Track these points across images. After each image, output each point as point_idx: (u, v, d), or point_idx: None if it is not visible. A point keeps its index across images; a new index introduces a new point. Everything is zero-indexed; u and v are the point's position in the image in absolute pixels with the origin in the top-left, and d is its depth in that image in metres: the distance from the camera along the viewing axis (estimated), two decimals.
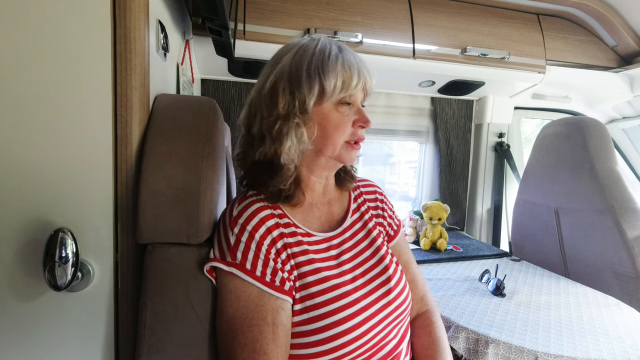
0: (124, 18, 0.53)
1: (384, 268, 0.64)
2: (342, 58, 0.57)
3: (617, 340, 0.83)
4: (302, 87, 0.56)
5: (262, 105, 0.59)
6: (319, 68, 0.56)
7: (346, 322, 0.54)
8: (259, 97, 0.60)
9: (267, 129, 0.57)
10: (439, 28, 1.41)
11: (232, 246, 0.54)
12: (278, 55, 0.61)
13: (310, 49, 0.58)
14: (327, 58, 0.57)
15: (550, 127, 1.50)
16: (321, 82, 0.56)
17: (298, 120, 0.57)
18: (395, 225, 0.75)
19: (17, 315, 0.53)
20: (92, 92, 0.53)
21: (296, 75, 0.57)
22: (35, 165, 0.52)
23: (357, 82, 0.58)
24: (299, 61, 0.57)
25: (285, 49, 0.61)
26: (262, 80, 0.61)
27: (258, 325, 0.51)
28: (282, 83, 0.57)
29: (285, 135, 0.57)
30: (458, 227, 1.93)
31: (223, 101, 1.48)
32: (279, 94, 0.57)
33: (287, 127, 0.57)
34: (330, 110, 0.59)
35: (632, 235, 1.20)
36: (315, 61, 0.57)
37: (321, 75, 0.56)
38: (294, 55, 0.58)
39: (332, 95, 0.57)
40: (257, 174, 0.60)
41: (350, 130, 0.60)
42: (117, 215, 0.56)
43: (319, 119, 0.58)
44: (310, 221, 0.64)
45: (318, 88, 0.56)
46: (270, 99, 0.58)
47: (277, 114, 0.57)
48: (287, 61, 0.58)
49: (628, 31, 1.55)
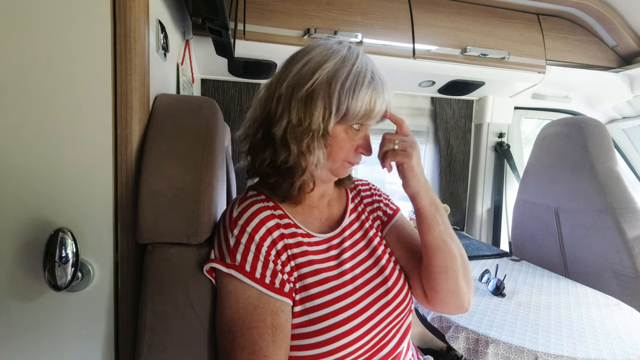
0: (124, 18, 0.53)
1: (381, 269, 0.64)
2: (373, 86, 0.56)
3: (617, 340, 0.83)
4: (332, 104, 0.55)
5: (292, 108, 0.55)
6: (351, 90, 0.54)
7: (347, 324, 0.54)
8: (291, 96, 0.56)
9: (295, 139, 0.55)
10: (439, 28, 1.41)
11: (231, 248, 0.54)
12: (318, 57, 0.57)
13: (347, 65, 0.56)
14: (360, 82, 0.55)
15: (550, 127, 1.50)
16: (348, 104, 0.55)
17: (322, 140, 0.56)
18: (393, 205, 0.76)
19: (17, 315, 0.53)
20: (92, 92, 0.53)
21: (330, 89, 0.55)
22: (35, 166, 0.52)
23: (377, 112, 0.58)
24: (336, 75, 0.55)
25: (325, 54, 0.57)
26: (298, 79, 0.56)
27: (257, 328, 0.51)
28: (321, 94, 0.55)
29: (311, 152, 0.56)
30: (458, 227, 1.93)
31: (223, 101, 1.48)
32: (317, 105, 0.55)
33: (314, 144, 0.56)
34: (340, 131, 0.58)
35: (632, 235, 1.20)
36: (350, 81, 0.55)
37: (350, 97, 0.55)
38: (333, 66, 0.56)
39: (351, 119, 0.56)
40: (269, 174, 0.59)
41: (351, 154, 0.60)
42: (117, 215, 0.56)
43: (331, 138, 0.58)
44: (310, 222, 0.64)
45: (344, 109, 0.55)
46: (305, 107, 0.55)
47: (310, 126, 0.55)
48: (326, 70, 0.55)
49: (628, 31, 1.55)
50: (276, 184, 0.59)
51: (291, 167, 0.57)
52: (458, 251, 0.63)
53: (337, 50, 0.58)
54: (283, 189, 0.59)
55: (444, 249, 0.61)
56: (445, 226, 0.62)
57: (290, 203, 0.62)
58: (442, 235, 0.61)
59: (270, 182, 0.59)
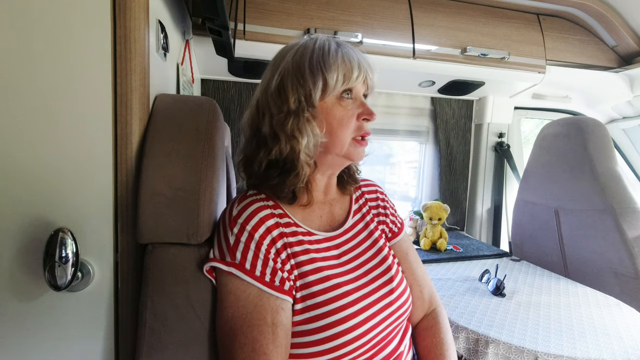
0: (124, 18, 0.53)
1: (387, 268, 0.64)
2: (341, 52, 0.59)
3: (617, 340, 0.83)
4: (307, 81, 0.57)
5: (270, 104, 0.59)
6: (320, 63, 0.57)
7: (347, 322, 0.54)
8: (266, 96, 0.60)
9: (280, 126, 0.57)
10: (439, 28, 1.41)
11: (231, 246, 0.54)
12: (279, 55, 0.62)
13: (310, 46, 0.59)
14: (327, 53, 0.58)
15: (550, 127, 1.50)
16: (324, 75, 0.57)
17: (308, 115, 0.57)
18: (398, 223, 0.75)
19: (17, 315, 0.53)
20: (92, 92, 0.53)
21: (299, 71, 0.57)
22: (35, 165, 0.52)
23: (358, 74, 0.59)
24: (300, 58, 0.58)
25: (286, 49, 0.62)
26: (266, 81, 0.61)
27: (258, 326, 0.51)
28: (289, 79, 0.58)
29: (300, 131, 0.57)
30: (458, 227, 1.93)
31: (223, 101, 1.48)
32: (288, 90, 0.57)
33: (300, 123, 0.57)
34: (333, 105, 0.59)
35: (632, 235, 1.20)
36: (316, 56, 0.58)
37: (323, 69, 0.57)
38: (294, 54, 0.59)
39: (334, 88, 0.58)
40: (271, 177, 0.59)
41: (355, 124, 0.61)
42: (117, 216, 0.56)
43: (324, 114, 0.59)
44: (311, 220, 0.64)
45: (322, 81, 0.57)
46: (279, 96, 0.58)
47: (288, 109, 0.57)
48: (289, 59, 0.59)
49: (628, 31, 1.55)
50: (280, 183, 0.59)
51: (287, 156, 0.58)
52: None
53: (296, 42, 0.62)
54: (288, 186, 0.59)
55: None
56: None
57: (298, 204, 0.62)
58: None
59: (274, 185, 0.59)
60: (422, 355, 0.68)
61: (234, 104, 1.49)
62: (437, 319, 0.70)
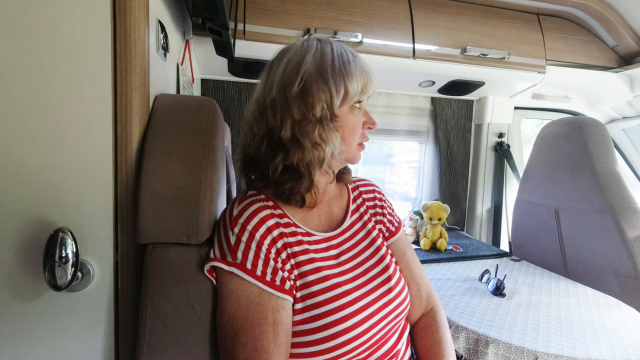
0: (124, 18, 0.53)
1: (385, 267, 0.65)
2: (359, 63, 0.59)
3: (617, 340, 0.83)
4: (330, 89, 0.56)
5: (292, 108, 0.56)
6: (342, 71, 0.57)
7: (347, 321, 0.54)
8: (285, 98, 0.56)
9: (305, 134, 0.56)
10: (439, 28, 1.41)
11: (232, 246, 0.54)
12: (295, 56, 0.58)
13: (328, 53, 0.58)
14: (347, 62, 0.58)
15: (550, 127, 1.50)
16: (345, 84, 0.57)
17: (332, 125, 0.57)
18: (396, 222, 0.75)
19: (17, 315, 0.53)
20: (92, 92, 0.53)
21: (324, 77, 0.56)
22: (35, 165, 0.52)
23: (372, 86, 0.61)
24: (322, 63, 0.57)
25: (300, 51, 0.59)
26: (285, 81, 0.57)
27: (259, 325, 0.51)
28: (314, 84, 0.56)
29: (324, 140, 0.57)
30: (458, 227, 1.93)
31: (223, 101, 1.48)
32: (314, 95, 0.55)
33: (325, 131, 0.57)
34: (347, 114, 0.60)
35: (632, 235, 1.20)
36: (338, 64, 0.57)
37: (345, 77, 0.57)
38: (314, 58, 0.57)
39: (352, 98, 0.58)
40: (285, 181, 0.59)
41: (360, 132, 0.63)
42: (117, 215, 0.56)
43: (340, 122, 0.59)
44: (310, 220, 0.64)
45: (343, 90, 0.57)
46: (303, 101, 0.56)
47: (314, 117, 0.56)
48: (309, 62, 0.57)
49: (628, 31, 1.55)
50: (292, 188, 0.59)
51: (308, 162, 0.58)
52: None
53: (309, 45, 0.60)
54: (300, 191, 0.59)
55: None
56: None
57: (306, 207, 0.62)
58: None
59: (286, 189, 0.59)
60: (421, 354, 0.68)
61: (234, 104, 1.49)
62: (435, 318, 0.70)
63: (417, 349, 0.69)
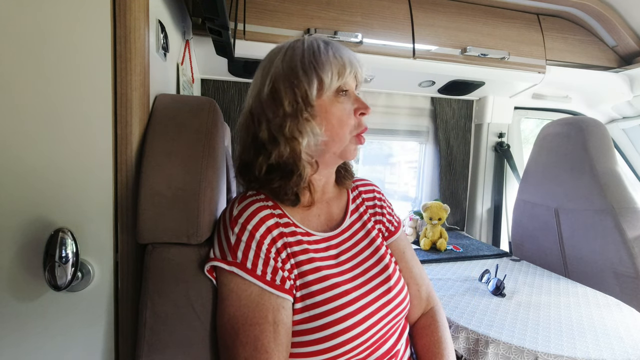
0: (124, 18, 0.53)
1: (384, 267, 0.65)
2: (331, 50, 0.59)
3: (617, 340, 0.83)
4: (301, 82, 0.56)
5: (265, 110, 0.58)
6: (312, 62, 0.57)
7: (346, 320, 0.54)
8: (260, 103, 0.59)
9: (278, 129, 0.57)
10: (439, 28, 1.41)
11: (232, 245, 0.54)
12: (267, 60, 0.62)
13: (298, 48, 0.59)
14: (317, 52, 0.58)
15: (550, 127, 1.50)
16: (318, 74, 0.57)
17: (307, 115, 0.57)
18: (395, 222, 0.75)
19: (17, 315, 0.53)
20: (92, 92, 0.53)
21: (292, 72, 0.57)
22: (35, 165, 0.52)
23: (350, 69, 0.59)
24: (291, 60, 0.58)
25: (272, 54, 0.61)
26: (257, 87, 0.61)
27: (259, 324, 0.51)
28: (281, 82, 0.57)
29: (300, 132, 0.57)
30: (458, 227, 1.93)
31: (223, 101, 1.48)
32: (281, 93, 0.57)
33: (299, 124, 0.57)
34: (330, 103, 0.59)
35: (632, 235, 1.20)
36: (307, 56, 0.57)
37: (316, 67, 0.57)
38: (283, 57, 0.59)
39: (330, 85, 0.58)
40: (273, 180, 0.59)
41: (354, 121, 0.61)
42: (117, 215, 0.56)
43: (322, 113, 0.59)
44: (309, 220, 0.64)
45: (316, 80, 0.57)
46: (273, 100, 0.57)
47: (284, 112, 0.57)
48: (279, 62, 0.59)
49: (628, 31, 1.55)
50: (282, 186, 0.59)
51: (288, 158, 0.58)
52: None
53: (283, 45, 0.61)
54: (291, 187, 0.59)
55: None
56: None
57: (301, 206, 0.62)
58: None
59: (276, 188, 0.59)
60: (420, 354, 0.68)
61: (234, 104, 1.49)
62: (435, 317, 0.70)
63: (416, 348, 0.69)
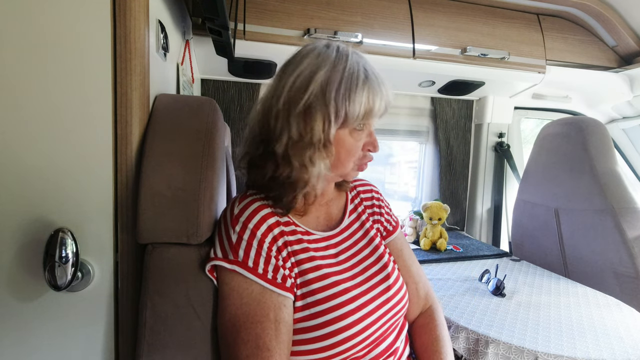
0: (124, 18, 0.53)
1: (383, 266, 0.65)
2: (368, 85, 0.56)
3: (617, 340, 0.83)
4: (330, 112, 0.54)
5: (292, 125, 0.55)
6: (347, 95, 0.54)
7: (347, 318, 0.55)
8: (289, 113, 0.55)
9: (297, 155, 0.55)
10: (439, 28, 1.41)
11: (234, 244, 0.54)
12: (309, 67, 0.56)
13: (339, 70, 0.55)
14: (354, 85, 0.55)
15: (550, 127, 1.50)
16: (346, 109, 0.55)
17: (323, 150, 0.56)
18: (393, 222, 0.75)
19: (17, 315, 0.53)
20: (92, 92, 0.53)
21: (325, 99, 0.54)
22: (35, 165, 0.52)
23: (378, 110, 0.58)
24: (329, 83, 0.54)
25: (316, 63, 0.56)
26: (292, 94, 0.55)
27: (260, 322, 0.51)
28: (318, 107, 0.54)
29: (312, 163, 0.56)
30: (458, 227, 1.93)
31: (223, 101, 1.48)
32: (316, 119, 0.54)
33: (316, 155, 0.56)
34: (345, 136, 0.58)
35: (632, 235, 1.20)
36: (344, 86, 0.54)
37: (347, 102, 0.54)
38: (325, 75, 0.55)
39: (353, 122, 0.56)
40: (271, 188, 0.59)
41: (360, 154, 0.61)
42: (117, 215, 0.56)
43: (335, 144, 0.58)
44: (309, 221, 0.65)
45: (343, 115, 0.55)
46: (304, 122, 0.55)
47: (312, 139, 0.55)
48: (319, 81, 0.55)
49: (628, 31, 1.55)
50: (278, 197, 0.59)
51: (293, 181, 0.57)
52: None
53: (326, 56, 0.57)
54: (285, 202, 0.59)
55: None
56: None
57: (295, 212, 0.62)
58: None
59: (271, 195, 0.59)
60: (419, 352, 0.68)
61: (234, 104, 1.49)
62: (433, 316, 0.71)
63: (415, 346, 0.69)
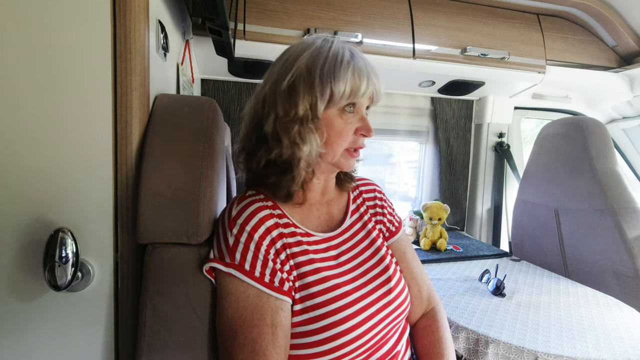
0: (124, 18, 0.53)
1: (384, 268, 0.64)
2: (353, 64, 0.57)
3: (617, 340, 0.83)
4: (315, 90, 0.56)
5: (277, 103, 0.57)
6: (331, 72, 0.56)
7: (346, 322, 0.54)
8: (275, 93, 0.58)
9: (284, 130, 0.56)
10: (439, 28, 1.41)
11: (230, 247, 0.54)
12: (294, 52, 0.59)
13: (324, 52, 0.57)
14: (339, 63, 0.56)
15: (550, 127, 1.50)
16: (331, 87, 0.55)
17: (312, 126, 0.57)
18: (396, 222, 0.75)
19: (17, 315, 0.53)
20: (92, 92, 0.53)
21: (311, 77, 0.56)
22: (35, 165, 0.52)
23: (365, 90, 0.58)
24: (314, 63, 0.56)
25: (301, 48, 0.59)
26: (278, 76, 0.58)
27: (257, 327, 0.51)
28: (301, 83, 0.56)
29: (303, 140, 0.56)
30: (458, 227, 1.93)
31: (223, 101, 1.48)
32: (299, 94, 0.56)
33: (304, 131, 0.56)
34: (334, 116, 0.58)
35: (632, 235, 1.20)
36: (328, 65, 0.56)
37: (332, 80, 0.55)
38: (309, 56, 0.57)
39: (339, 101, 0.57)
40: (268, 175, 0.59)
41: (351, 137, 0.60)
42: (117, 215, 0.56)
43: (325, 125, 0.58)
44: (309, 221, 0.64)
45: (329, 93, 0.56)
46: (289, 98, 0.56)
47: (296, 116, 0.56)
48: (304, 61, 0.57)
49: (628, 31, 1.55)
50: (276, 183, 0.59)
51: (287, 160, 0.57)
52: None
53: (312, 42, 0.60)
54: (284, 186, 0.58)
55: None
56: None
57: (294, 203, 0.62)
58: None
59: (270, 183, 0.59)
60: (421, 354, 0.68)
61: (234, 104, 1.49)
62: (436, 318, 0.70)
63: (417, 348, 0.69)
